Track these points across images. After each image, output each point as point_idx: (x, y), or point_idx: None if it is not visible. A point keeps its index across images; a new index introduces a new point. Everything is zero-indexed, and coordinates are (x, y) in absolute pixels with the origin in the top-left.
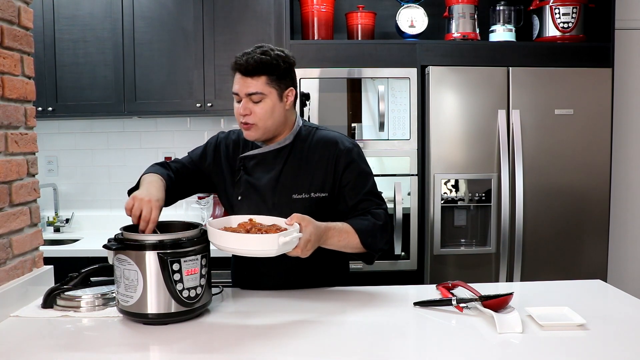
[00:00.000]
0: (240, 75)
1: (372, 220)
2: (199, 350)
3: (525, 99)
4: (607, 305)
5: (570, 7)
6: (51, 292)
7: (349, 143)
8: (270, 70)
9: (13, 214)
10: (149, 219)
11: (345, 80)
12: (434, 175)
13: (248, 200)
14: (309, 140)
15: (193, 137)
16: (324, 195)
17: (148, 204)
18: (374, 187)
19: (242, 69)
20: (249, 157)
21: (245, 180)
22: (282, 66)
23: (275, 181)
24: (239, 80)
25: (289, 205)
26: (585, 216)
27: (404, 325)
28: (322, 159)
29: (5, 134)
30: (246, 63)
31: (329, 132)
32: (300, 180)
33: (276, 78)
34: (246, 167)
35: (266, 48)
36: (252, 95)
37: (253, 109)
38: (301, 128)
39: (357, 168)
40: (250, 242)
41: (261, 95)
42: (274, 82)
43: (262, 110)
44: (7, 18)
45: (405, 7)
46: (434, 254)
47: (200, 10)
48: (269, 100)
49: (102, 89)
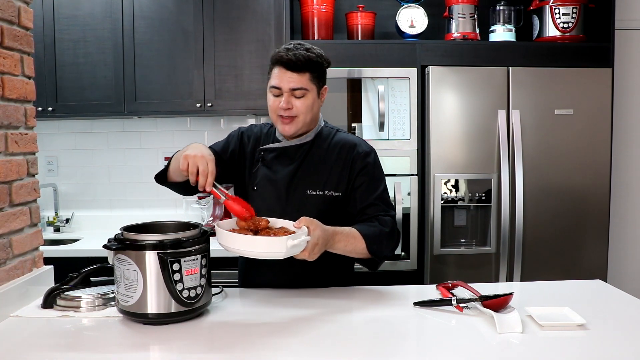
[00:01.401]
0: (284, 70)
1: (379, 227)
2: (199, 350)
3: (525, 99)
4: (607, 305)
5: (570, 7)
6: (51, 292)
7: (367, 147)
8: (314, 68)
9: (13, 214)
10: (207, 172)
11: (345, 80)
12: (434, 175)
13: (263, 191)
14: (329, 141)
15: (193, 137)
16: (337, 194)
17: (202, 159)
18: (384, 194)
19: (290, 63)
20: (269, 150)
21: (263, 171)
22: (324, 65)
23: (292, 175)
24: (282, 75)
25: (303, 200)
26: (585, 216)
27: (404, 325)
28: (339, 160)
29: (5, 134)
30: (295, 58)
31: (348, 135)
32: (315, 177)
33: (318, 75)
34: (265, 159)
35: (308, 46)
36: (296, 91)
37: (295, 103)
38: (322, 128)
39: (370, 172)
40: (258, 244)
41: (304, 90)
42: (315, 79)
43: (303, 105)
44: (7, 18)
45: (405, 7)
46: (434, 254)
47: (200, 10)
48: (310, 96)
49: (102, 89)
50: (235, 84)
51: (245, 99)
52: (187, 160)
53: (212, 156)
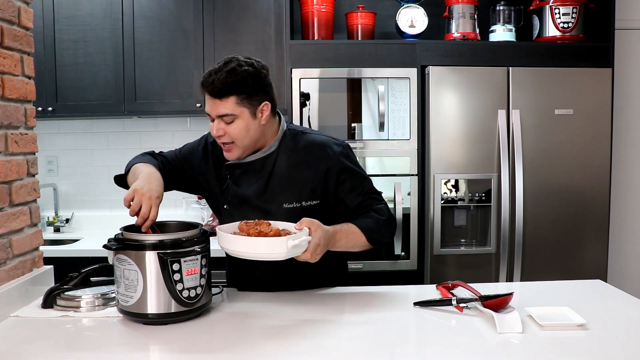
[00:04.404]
0: (209, 96)
1: (376, 216)
2: (199, 350)
3: (525, 99)
4: (607, 305)
5: (570, 7)
6: (51, 292)
7: (337, 146)
8: (239, 90)
9: (13, 214)
10: (147, 216)
11: (345, 80)
12: (434, 175)
13: (236, 209)
14: (296, 146)
15: (193, 137)
16: (315, 202)
17: (148, 201)
18: (370, 185)
19: (211, 90)
20: (235, 166)
21: (233, 190)
22: (250, 84)
23: (263, 191)
24: (209, 101)
25: (281, 214)
26: (585, 216)
27: (404, 325)
28: (311, 165)
29: (5, 134)
30: (212, 85)
31: (316, 136)
32: (289, 189)
33: (246, 96)
34: (233, 175)
35: (234, 64)
36: (223, 117)
37: (226, 129)
38: (286, 132)
39: (351, 171)
40: (259, 246)
41: (232, 116)
42: (244, 101)
43: (235, 130)
44: (7, 18)
45: (405, 7)
46: (434, 254)
47: (200, 10)
48: (242, 120)
49: (102, 89)
50: None
51: None
52: (133, 195)
53: (159, 199)
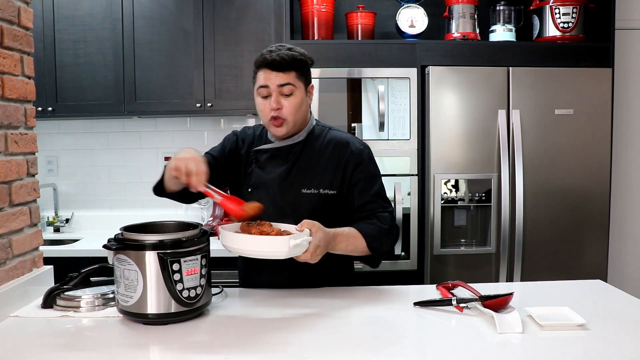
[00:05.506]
0: (270, 71)
1: (378, 224)
2: (199, 351)
3: (525, 99)
4: (607, 305)
5: (570, 7)
6: (51, 292)
7: (360, 145)
8: (299, 66)
9: (13, 214)
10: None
11: (345, 80)
12: (434, 175)
13: (258, 192)
14: (321, 139)
15: (193, 137)
16: (332, 192)
17: (193, 160)
18: (381, 190)
19: (275, 63)
20: (262, 151)
21: (257, 173)
22: (308, 63)
23: (286, 175)
24: (268, 75)
25: (298, 199)
26: (585, 216)
27: (404, 325)
28: (332, 158)
29: (5, 134)
30: (279, 57)
31: (341, 133)
32: (310, 176)
33: (303, 74)
34: (259, 161)
35: (290, 46)
36: (284, 87)
37: (283, 102)
38: (314, 127)
39: (366, 169)
40: (261, 244)
41: (292, 86)
42: (302, 77)
43: (291, 104)
44: (7, 18)
45: (405, 7)
46: (434, 254)
47: (200, 10)
48: (299, 94)
49: (102, 89)
50: (235, 84)
51: (245, 99)
52: (176, 162)
53: (202, 157)
